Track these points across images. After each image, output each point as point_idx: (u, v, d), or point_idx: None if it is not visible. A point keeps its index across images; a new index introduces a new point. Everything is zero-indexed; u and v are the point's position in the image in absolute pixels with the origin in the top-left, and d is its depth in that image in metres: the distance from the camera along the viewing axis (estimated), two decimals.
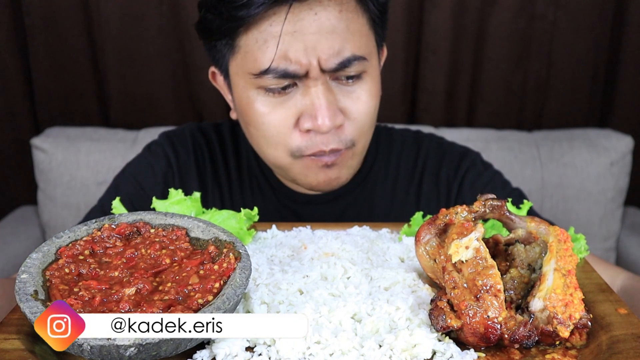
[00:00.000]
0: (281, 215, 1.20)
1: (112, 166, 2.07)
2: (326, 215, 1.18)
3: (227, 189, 1.22)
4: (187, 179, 1.20)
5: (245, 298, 0.70)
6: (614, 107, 2.30)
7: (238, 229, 0.86)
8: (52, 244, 0.69)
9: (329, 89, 0.98)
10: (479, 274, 0.65)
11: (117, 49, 2.14)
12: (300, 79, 0.97)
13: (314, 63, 0.95)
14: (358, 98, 1.01)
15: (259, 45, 0.96)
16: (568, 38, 2.18)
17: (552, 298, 0.64)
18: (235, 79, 1.04)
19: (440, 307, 0.66)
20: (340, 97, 1.00)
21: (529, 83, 2.23)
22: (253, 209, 0.92)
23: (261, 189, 1.21)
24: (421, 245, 0.74)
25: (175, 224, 0.75)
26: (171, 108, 2.23)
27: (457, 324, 0.64)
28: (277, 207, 1.20)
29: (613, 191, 2.12)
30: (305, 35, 0.94)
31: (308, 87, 0.98)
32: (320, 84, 0.97)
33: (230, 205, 1.19)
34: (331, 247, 0.84)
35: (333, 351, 0.62)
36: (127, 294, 0.62)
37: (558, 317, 0.63)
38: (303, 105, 0.99)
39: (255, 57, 0.97)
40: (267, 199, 1.20)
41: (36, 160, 2.09)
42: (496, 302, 0.63)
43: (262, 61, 0.96)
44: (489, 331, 0.63)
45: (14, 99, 2.21)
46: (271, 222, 0.95)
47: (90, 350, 0.55)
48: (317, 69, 0.96)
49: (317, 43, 0.95)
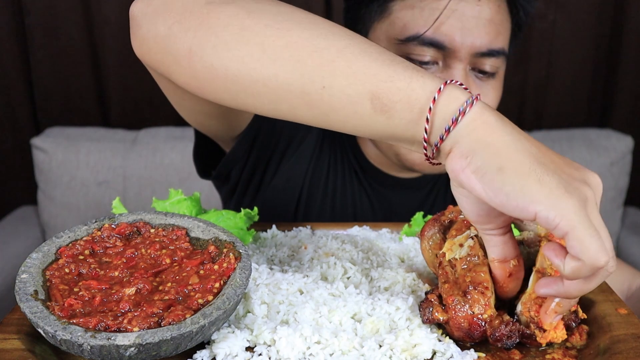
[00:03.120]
0: (364, 195, 1.21)
1: (112, 166, 2.08)
2: (405, 200, 1.21)
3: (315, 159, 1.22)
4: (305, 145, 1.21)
5: (245, 298, 0.70)
6: (614, 107, 2.30)
7: (238, 229, 0.86)
8: (52, 244, 0.69)
9: (467, 75, 1.00)
10: (470, 271, 0.66)
11: (117, 49, 2.15)
12: (444, 55, 0.99)
13: (467, 43, 0.97)
14: (486, 94, 1.03)
15: (414, 12, 0.98)
16: (568, 38, 2.18)
17: (527, 301, 0.64)
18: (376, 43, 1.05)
19: (430, 300, 0.67)
20: (473, 88, 1.02)
21: (529, 83, 2.23)
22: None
23: (351, 165, 1.22)
24: (425, 240, 0.75)
25: (175, 223, 0.75)
26: (171, 108, 2.21)
27: (444, 317, 0.65)
28: (359, 187, 1.22)
29: (613, 191, 2.12)
30: (464, 16, 0.97)
31: (449, 68, 0.99)
32: (462, 68, 0.99)
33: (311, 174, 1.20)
34: (331, 247, 0.84)
35: (333, 351, 0.62)
36: (127, 294, 0.62)
37: (535, 321, 0.63)
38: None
39: (405, 23, 0.99)
40: (352, 177, 1.22)
41: (36, 160, 2.09)
42: (482, 300, 0.64)
43: (412, 27, 0.98)
44: (473, 327, 0.64)
45: (14, 99, 2.21)
46: (271, 222, 0.95)
47: (90, 350, 0.55)
48: (467, 49, 0.97)
49: (474, 26, 0.97)
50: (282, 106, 0.63)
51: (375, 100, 0.58)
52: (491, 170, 0.53)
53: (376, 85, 0.58)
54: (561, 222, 0.51)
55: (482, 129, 0.55)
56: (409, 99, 0.57)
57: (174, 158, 2.08)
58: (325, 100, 0.60)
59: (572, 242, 0.51)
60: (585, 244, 0.51)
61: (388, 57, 0.60)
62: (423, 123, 0.56)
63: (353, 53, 0.59)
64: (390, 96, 0.57)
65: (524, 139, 0.55)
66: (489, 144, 0.54)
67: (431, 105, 0.56)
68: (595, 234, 0.51)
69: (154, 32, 0.69)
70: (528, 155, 0.53)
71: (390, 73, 0.58)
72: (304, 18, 0.63)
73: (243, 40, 0.62)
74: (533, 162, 0.53)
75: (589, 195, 0.54)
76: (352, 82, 0.58)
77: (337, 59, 0.59)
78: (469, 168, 0.55)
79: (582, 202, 0.52)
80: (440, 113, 0.56)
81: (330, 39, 0.61)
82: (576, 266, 0.52)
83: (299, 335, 0.63)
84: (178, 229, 0.74)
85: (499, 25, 1.00)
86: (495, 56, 1.00)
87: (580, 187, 0.53)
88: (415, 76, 0.58)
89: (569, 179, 0.53)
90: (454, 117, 0.55)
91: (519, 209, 0.52)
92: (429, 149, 0.58)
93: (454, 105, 0.56)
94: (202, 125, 1.03)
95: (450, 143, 0.56)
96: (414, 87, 0.57)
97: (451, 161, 0.56)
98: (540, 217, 0.52)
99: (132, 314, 0.59)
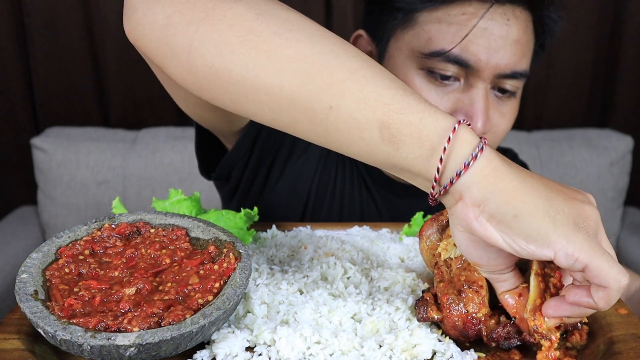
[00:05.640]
0: (371, 201, 1.20)
1: (112, 166, 2.08)
2: (412, 207, 1.19)
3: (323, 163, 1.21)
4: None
5: (245, 298, 0.70)
6: (614, 107, 2.30)
7: (238, 229, 0.86)
8: (52, 244, 0.69)
9: (488, 95, 0.99)
10: (465, 270, 0.66)
11: (117, 49, 2.15)
12: (467, 73, 0.97)
13: (492, 64, 0.96)
14: (504, 114, 1.03)
15: (441, 26, 0.96)
16: (568, 38, 2.18)
17: (531, 309, 0.61)
18: (396, 52, 1.04)
19: (425, 299, 0.67)
20: (492, 107, 1.01)
21: (529, 83, 2.23)
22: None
23: (359, 171, 1.21)
24: (424, 240, 0.75)
25: (175, 223, 0.75)
26: (171, 108, 2.22)
27: (438, 316, 0.65)
28: (367, 193, 1.21)
29: (613, 191, 2.12)
30: (493, 35, 0.95)
31: (470, 86, 0.98)
32: (484, 87, 0.98)
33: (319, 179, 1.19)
34: (331, 247, 0.84)
35: (333, 351, 0.62)
36: (127, 294, 0.62)
37: (539, 332, 0.61)
38: (461, 101, 0.99)
39: (431, 37, 0.97)
40: (360, 183, 1.21)
41: (36, 160, 2.09)
42: (477, 298, 0.64)
43: (438, 42, 0.96)
44: (467, 325, 0.64)
45: (14, 99, 2.21)
46: (271, 222, 0.95)
47: (90, 350, 0.55)
48: (491, 70, 0.96)
49: (501, 47, 0.96)
50: (283, 118, 0.61)
51: (384, 130, 0.56)
52: (507, 217, 0.54)
53: (387, 114, 0.56)
54: (580, 256, 0.53)
55: (493, 176, 0.55)
56: (420, 135, 0.55)
57: (174, 158, 2.09)
58: (330, 120, 0.58)
59: (594, 273, 0.53)
60: (605, 271, 0.53)
61: (400, 86, 0.58)
62: (435, 162, 0.55)
63: (365, 77, 0.57)
64: (400, 128, 0.56)
65: (530, 178, 0.56)
66: (501, 190, 0.54)
67: (446, 145, 0.55)
68: (610, 260, 0.53)
69: (151, 18, 0.64)
70: (538, 196, 0.54)
71: (402, 104, 0.56)
72: (315, 30, 0.60)
73: (249, 45, 0.59)
74: (544, 202, 0.54)
75: (596, 217, 0.56)
76: (362, 107, 0.56)
77: (348, 81, 0.57)
78: (482, 216, 0.55)
79: (592, 232, 0.55)
80: (454, 154, 0.55)
81: (342, 57, 0.59)
82: (606, 295, 0.54)
83: (299, 335, 0.63)
84: (178, 229, 0.74)
85: (525, 46, 0.99)
86: (517, 78, 1.00)
87: (589, 212, 0.56)
88: (428, 111, 0.56)
89: (577, 206, 0.56)
90: (467, 161, 0.54)
91: (539, 252, 0.54)
92: (436, 188, 0.57)
93: (466, 149, 0.55)
94: (201, 117, 1.01)
95: (460, 188, 0.55)
96: (426, 124, 0.56)
97: (463, 208, 0.56)
98: (559, 255, 0.54)
99: (132, 314, 0.59)
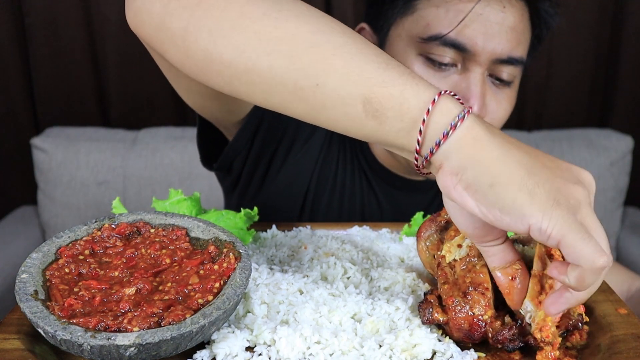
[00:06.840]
0: (372, 195, 1.20)
1: (112, 166, 2.08)
2: (413, 202, 1.21)
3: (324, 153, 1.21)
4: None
5: (245, 298, 0.70)
6: (614, 107, 2.30)
7: (238, 229, 0.86)
8: (52, 244, 0.69)
9: (484, 81, 1.01)
10: (470, 272, 0.66)
11: (117, 49, 2.15)
12: (464, 57, 0.99)
13: (488, 48, 0.97)
14: (501, 102, 1.04)
15: (439, 12, 0.98)
16: (568, 38, 2.18)
17: (540, 322, 0.61)
18: (396, 40, 1.05)
19: (429, 301, 0.67)
20: (488, 94, 1.02)
21: (529, 83, 2.23)
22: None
23: (360, 165, 1.21)
24: (422, 241, 0.75)
25: (175, 223, 0.75)
26: (171, 108, 2.23)
27: (443, 318, 0.65)
28: (368, 187, 1.21)
29: (613, 191, 2.12)
30: (489, 21, 0.97)
31: (467, 71, 1.00)
32: (480, 72, 0.99)
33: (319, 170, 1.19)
34: (331, 247, 0.84)
35: (333, 351, 0.62)
36: (127, 294, 0.62)
37: (546, 342, 0.61)
38: (458, 85, 1.00)
39: (429, 22, 0.99)
40: (361, 176, 1.21)
41: (36, 160, 2.09)
42: (483, 300, 0.64)
43: (436, 26, 0.98)
44: (473, 328, 0.63)
45: (14, 99, 2.21)
46: (271, 222, 0.95)
47: (90, 350, 0.55)
48: (488, 54, 0.98)
49: (497, 33, 0.97)
50: (274, 98, 0.62)
51: (367, 105, 0.57)
52: (483, 186, 0.53)
53: (369, 89, 0.57)
54: (552, 232, 0.51)
55: (472, 145, 0.54)
56: (401, 108, 0.56)
57: (174, 158, 2.09)
58: (318, 97, 0.59)
59: (567, 250, 0.52)
60: (578, 247, 0.51)
61: (384, 59, 0.58)
62: (415, 134, 0.56)
63: (350, 52, 0.58)
64: (382, 102, 0.56)
65: (514, 148, 0.55)
66: (479, 160, 0.54)
67: (425, 117, 0.55)
68: (587, 237, 0.51)
69: (149, 5, 0.67)
70: (518, 167, 0.53)
71: (384, 77, 0.57)
72: (303, 10, 0.62)
73: (240, 28, 0.61)
74: (524, 175, 0.53)
75: (582, 197, 0.54)
76: (346, 82, 0.57)
77: (333, 57, 0.58)
78: (460, 185, 0.55)
79: (571, 209, 0.52)
80: (432, 125, 0.55)
81: (328, 34, 0.60)
82: (578, 274, 0.52)
83: (299, 335, 0.63)
84: (178, 229, 0.74)
85: (521, 34, 1.00)
86: (514, 64, 1.01)
87: (573, 191, 0.54)
88: (410, 83, 0.57)
89: (561, 183, 0.54)
90: (445, 131, 0.54)
91: (513, 224, 0.53)
92: (419, 159, 0.57)
93: (446, 119, 0.55)
94: (202, 107, 1.02)
95: (440, 157, 0.56)
96: (407, 96, 0.56)
97: (442, 177, 0.56)
98: (533, 229, 0.52)
99: (132, 314, 0.59)
